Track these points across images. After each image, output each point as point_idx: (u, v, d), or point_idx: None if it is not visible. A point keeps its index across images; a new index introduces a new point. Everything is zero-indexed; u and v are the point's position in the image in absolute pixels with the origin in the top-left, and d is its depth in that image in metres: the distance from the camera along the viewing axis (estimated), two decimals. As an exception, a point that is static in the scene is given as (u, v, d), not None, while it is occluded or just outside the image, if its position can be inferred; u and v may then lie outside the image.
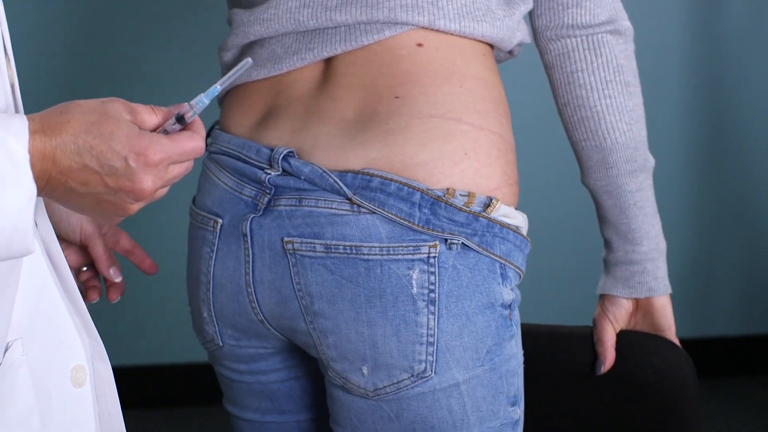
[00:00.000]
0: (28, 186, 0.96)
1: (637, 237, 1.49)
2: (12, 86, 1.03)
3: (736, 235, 3.36)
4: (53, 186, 1.00)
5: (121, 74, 3.05)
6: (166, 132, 1.06)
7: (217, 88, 1.08)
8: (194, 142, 1.06)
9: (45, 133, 0.98)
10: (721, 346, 3.39)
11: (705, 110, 3.27)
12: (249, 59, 1.09)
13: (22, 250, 0.97)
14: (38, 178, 0.99)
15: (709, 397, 3.14)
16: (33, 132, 0.98)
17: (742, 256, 3.38)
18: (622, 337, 1.54)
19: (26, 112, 1.03)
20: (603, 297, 1.54)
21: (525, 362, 1.40)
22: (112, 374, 1.17)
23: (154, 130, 1.06)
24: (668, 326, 1.53)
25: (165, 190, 1.06)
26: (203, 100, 1.07)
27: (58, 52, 3.02)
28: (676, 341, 1.54)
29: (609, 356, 1.52)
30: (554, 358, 1.57)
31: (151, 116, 1.06)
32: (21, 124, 0.97)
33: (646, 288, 1.50)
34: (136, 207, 1.05)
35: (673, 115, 3.24)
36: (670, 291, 1.52)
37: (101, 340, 1.16)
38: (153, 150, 1.01)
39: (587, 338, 1.55)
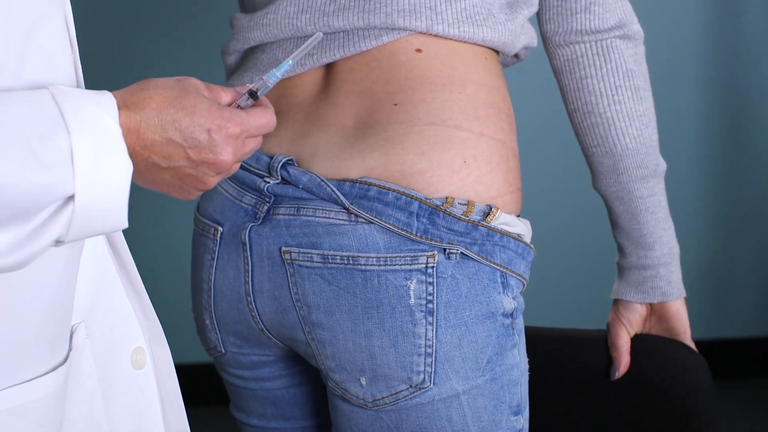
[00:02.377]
0: (125, 161, 0.95)
1: (649, 242, 1.45)
2: (75, 70, 1.03)
3: (753, 237, 3.31)
4: (136, 161, 0.99)
5: (124, 76, 3.04)
6: (239, 107, 1.06)
7: (289, 62, 1.09)
8: (268, 117, 1.06)
9: (129, 108, 0.97)
10: (738, 348, 3.35)
11: (721, 111, 3.22)
12: (320, 33, 1.10)
13: (118, 225, 0.97)
14: None
15: (725, 399, 3.09)
16: (119, 108, 0.97)
17: (758, 257, 3.33)
18: (637, 341, 1.51)
19: None
20: (617, 301, 1.51)
21: (539, 366, 1.37)
22: (171, 356, 1.16)
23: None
24: (683, 330, 1.50)
25: (238, 165, 1.06)
26: (276, 74, 1.08)
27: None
28: (692, 345, 1.51)
29: (624, 361, 1.49)
30: (569, 362, 1.55)
31: (223, 93, 1.06)
32: (110, 101, 0.96)
33: (660, 293, 1.47)
34: (214, 180, 1.04)
35: (689, 117, 3.20)
36: (684, 295, 1.49)
37: (159, 322, 1.15)
38: (234, 122, 1.01)
39: (602, 342, 1.53)
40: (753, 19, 3.16)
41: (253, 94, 1.07)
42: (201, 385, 3.11)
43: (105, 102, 0.96)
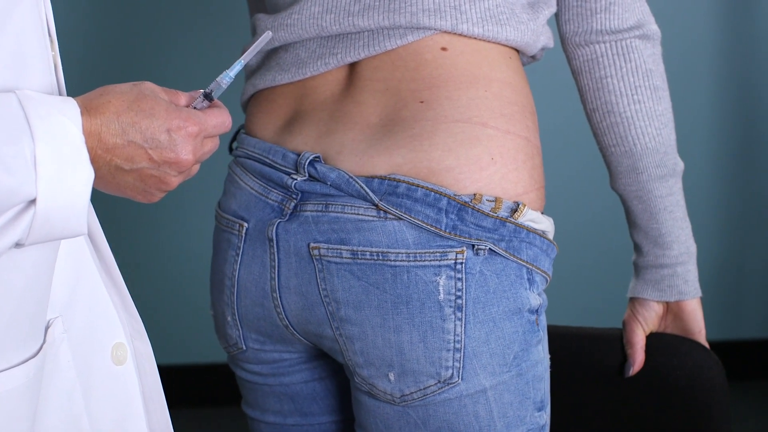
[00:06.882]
0: (86, 168, 0.96)
1: (667, 241, 1.44)
2: (55, 67, 1.03)
3: (767, 238, 3.28)
4: (98, 164, 0.99)
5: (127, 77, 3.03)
6: (195, 109, 1.07)
7: (241, 62, 1.10)
8: (224, 116, 1.08)
9: (89, 113, 0.98)
10: (752, 349, 3.33)
11: (735, 112, 3.19)
12: (269, 32, 1.12)
13: (77, 231, 0.97)
14: None
15: (739, 399, 3.07)
16: (80, 113, 0.98)
17: (772, 258, 3.30)
18: (652, 339, 1.50)
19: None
20: (633, 300, 1.50)
21: (554, 364, 1.36)
22: (152, 352, 1.16)
23: None
24: (698, 329, 1.49)
25: (198, 166, 1.07)
26: (229, 74, 1.09)
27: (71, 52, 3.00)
28: (706, 344, 1.50)
29: (638, 358, 1.48)
30: (583, 360, 1.54)
31: (180, 96, 1.07)
32: (74, 109, 0.97)
33: (676, 291, 1.46)
34: (176, 181, 1.05)
35: (703, 117, 3.17)
36: (700, 294, 1.48)
37: (140, 319, 1.15)
38: (192, 121, 1.02)
39: (617, 340, 1.52)
40: (766, 19, 3.14)
41: (207, 96, 1.08)
42: (218, 386, 3.09)
43: (69, 110, 0.96)
